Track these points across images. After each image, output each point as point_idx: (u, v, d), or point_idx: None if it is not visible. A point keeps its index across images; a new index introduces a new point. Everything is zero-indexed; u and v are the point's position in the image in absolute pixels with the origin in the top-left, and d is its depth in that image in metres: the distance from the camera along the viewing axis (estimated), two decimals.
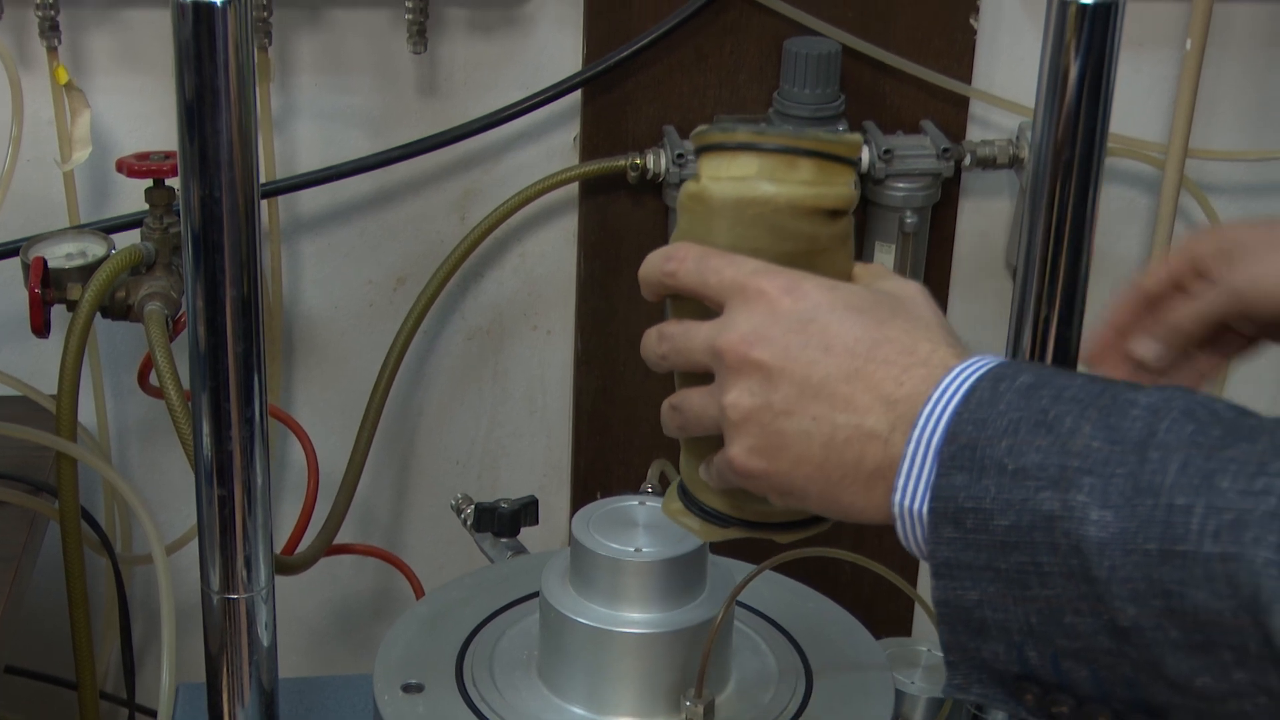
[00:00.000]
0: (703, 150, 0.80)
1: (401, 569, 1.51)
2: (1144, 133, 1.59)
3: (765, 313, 0.75)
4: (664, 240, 0.81)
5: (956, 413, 0.70)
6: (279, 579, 1.08)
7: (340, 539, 1.44)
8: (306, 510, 1.33)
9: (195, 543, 0.99)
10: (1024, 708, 0.70)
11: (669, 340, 0.79)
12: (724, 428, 0.76)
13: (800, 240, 0.78)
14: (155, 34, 1.43)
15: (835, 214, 0.79)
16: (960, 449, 0.69)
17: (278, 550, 1.30)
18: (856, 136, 0.80)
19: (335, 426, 1.55)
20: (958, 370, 0.72)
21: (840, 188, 0.79)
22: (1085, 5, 0.96)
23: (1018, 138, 1.55)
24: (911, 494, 0.71)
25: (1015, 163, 1.54)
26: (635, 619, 0.95)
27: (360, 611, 1.68)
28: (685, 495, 0.84)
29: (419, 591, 1.46)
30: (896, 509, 0.72)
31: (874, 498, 0.73)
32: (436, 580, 1.38)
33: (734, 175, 0.78)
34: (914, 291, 0.78)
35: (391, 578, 1.62)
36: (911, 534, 0.72)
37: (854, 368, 0.73)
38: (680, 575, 0.95)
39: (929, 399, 0.71)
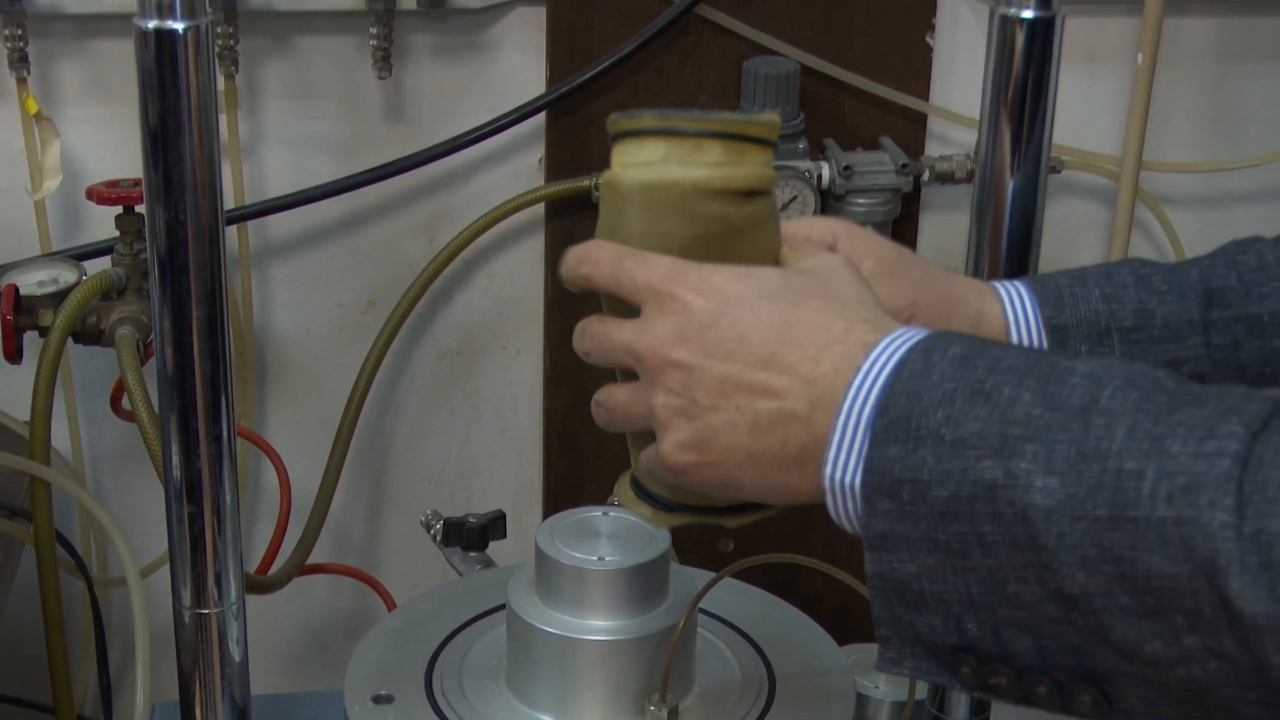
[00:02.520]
0: (615, 138, 0.80)
1: (375, 588, 1.52)
2: (1099, 146, 1.62)
3: (679, 314, 0.75)
4: None
5: (888, 385, 0.70)
6: (254, 600, 1.10)
7: (314, 559, 1.46)
8: (280, 530, 1.34)
9: (169, 565, 1.00)
10: (959, 680, 0.70)
11: (591, 338, 0.80)
12: (653, 426, 0.77)
13: (712, 223, 0.78)
14: (123, 63, 1.45)
15: (749, 195, 0.79)
16: (894, 421, 0.69)
17: (251, 570, 1.32)
18: (772, 116, 0.80)
19: (308, 448, 1.56)
20: (885, 343, 0.72)
21: (751, 168, 0.79)
22: (1026, 19, 0.98)
23: (975, 152, 1.57)
24: (843, 468, 0.71)
25: (973, 177, 1.56)
26: (600, 626, 0.96)
27: (335, 631, 1.70)
28: (635, 484, 0.85)
29: (393, 610, 1.47)
30: (827, 483, 0.72)
31: (806, 476, 0.73)
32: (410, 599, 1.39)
33: (641, 161, 0.78)
34: (835, 265, 0.78)
35: (366, 597, 1.63)
36: (843, 508, 0.72)
37: (768, 353, 0.73)
38: (643, 583, 0.97)
39: (856, 372, 0.71)
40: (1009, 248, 1.04)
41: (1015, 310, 0.88)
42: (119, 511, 1.58)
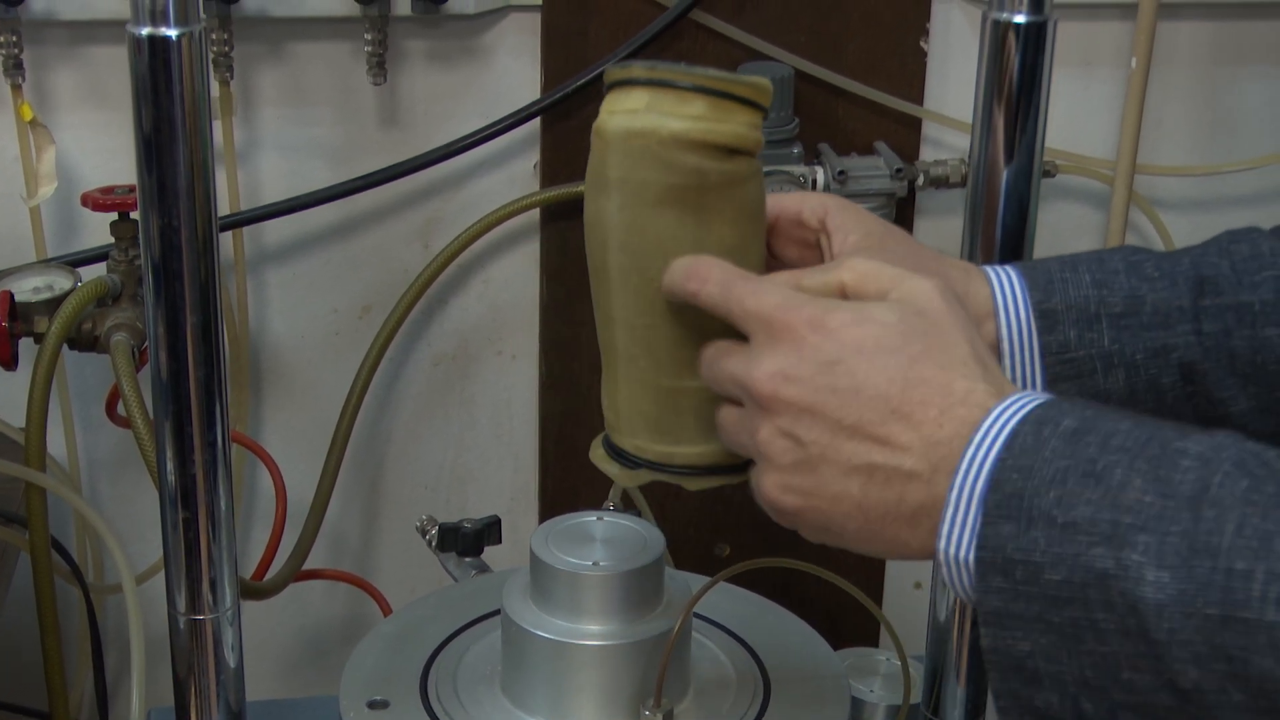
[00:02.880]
0: (607, 89, 0.81)
1: (371, 593, 1.52)
2: (1093, 150, 1.62)
3: (791, 349, 0.74)
4: None
5: (1000, 459, 0.69)
6: (250, 605, 1.10)
7: (310, 564, 1.46)
8: (275, 536, 1.34)
9: (164, 571, 1.00)
10: None
11: (703, 365, 0.79)
12: (756, 458, 0.76)
13: (688, 174, 0.79)
14: (117, 70, 1.45)
15: (730, 153, 0.79)
16: (1006, 498, 0.69)
17: (248, 576, 1.32)
18: (762, 80, 0.80)
19: (303, 454, 1.56)
20: (998, 412, 0.71)
21: (733, 126, 0.79)
22: (1019, 24, 0.98)
23: (969, 157, 1.58)
24: (957, 541, 0.70)
25: (967, 181, 1.56)
26: (595, 631, 0.96)
27: (331, 636, 1.70)
28: (606, 442, 0.86)
29: (389, 615, 1.48)
30: (942, 555, 0.71)
31: (919, 534, 0.72)
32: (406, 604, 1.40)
33: (626, 108, 0.79)
34: (941, 302, 0.75)
35: (362, 602, 1.64)
36: (957, 579, 0.71)
37: (889, 409, 0.72)
38: (638, 588, 0.97)
39: (970, 442, 0.70)
40: (1003, 251, 1.05)
41: (1004, 293, 0.88)
42: (114, 518, 1.58)
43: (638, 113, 0.79)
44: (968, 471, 0.70)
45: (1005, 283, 0.88)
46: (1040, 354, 0.87)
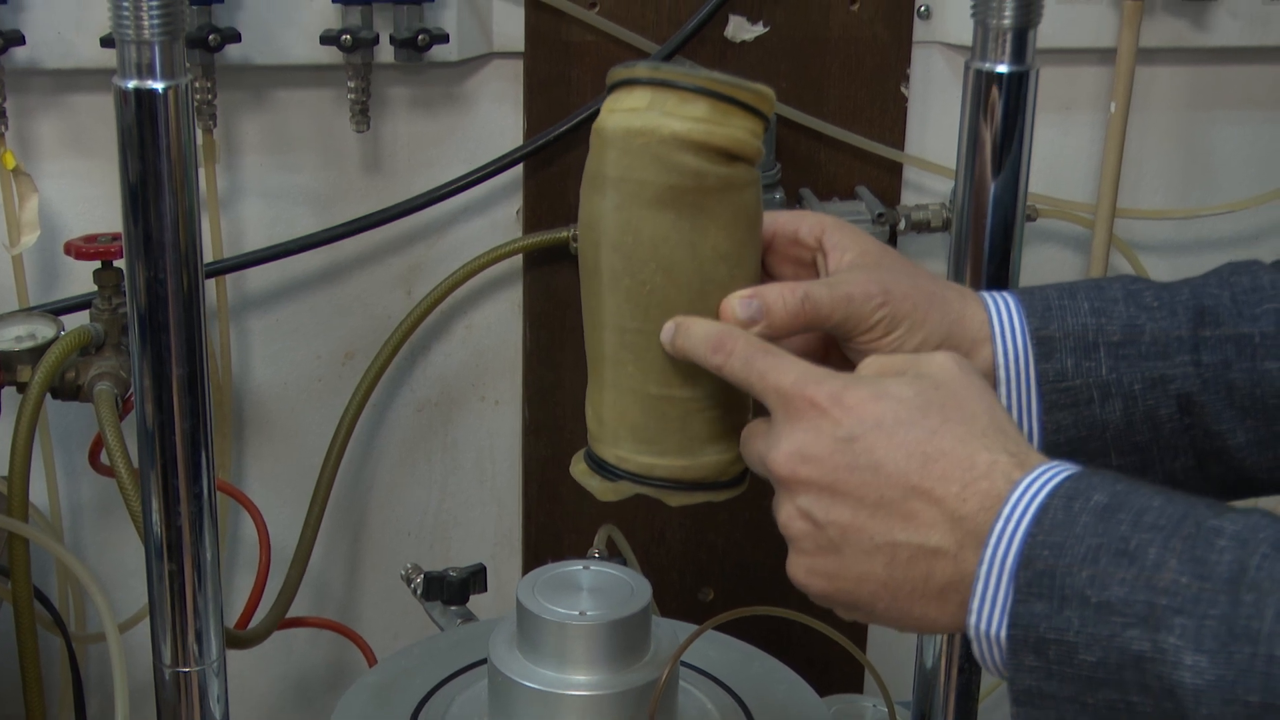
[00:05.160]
0: (609, 89, 0.81)
1: (355, 641, 1.52)
2: (1073, 194, 1.63)
3: (810, 428, 0.74)
4: None
5: (1030, 534, 0.69)
6: (233, 654, 1.10)
7: (294, 612, 1.45)
8: (259, 584, 1.34)
9: (148, 620, 1.00)
10: None
11: (742, 445, 0.80)
12: (787, 542, 0.76)
13: (686, 175, 0.78)
14: (100, 118, 1.45)
15: (730, 157, 0.79)
16: (1037, 575, 0.68)
17: (231, 624, 1.32)
18: (765, 89, 0.80)
19: (287, 500, 1.56)
20: (1025, 485, 0.70)
21: (733, 130, 0.79)
22: (1001, 74, 0.99)
23: (950, 201, 1.59)
24: (988, 618, 0.70)
25: (949, 226, 1.57)
26: (582, 681, 0.96)
27: (315, 684, 1.69)
28: (588, 455, 0.85)
29: (373, 663, 1.47)
30: (973, 632, 0.70)
31: (948, 609, 0.72)
32: (391, 651, 1.39)
33: (627, 107, 0.79)
34: (959, 373, 0.75)
35: (346, 650, 1.63)
36: (989, 655, 0.71)
37: (909, 485, 0.71)
38: (625, 637, 0.97)
39: (998, 517, 0.70)
40: None
41: (1001, 319, 0.87)
42: (97, 566, 1.57)
43: (639, 111, 0.79)
44: (996, 546, 0.69)
45: (1002, 308, 0.87)
46: (1037, 381, 0.86)
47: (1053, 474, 0.70)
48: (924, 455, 0.72)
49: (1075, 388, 0.86)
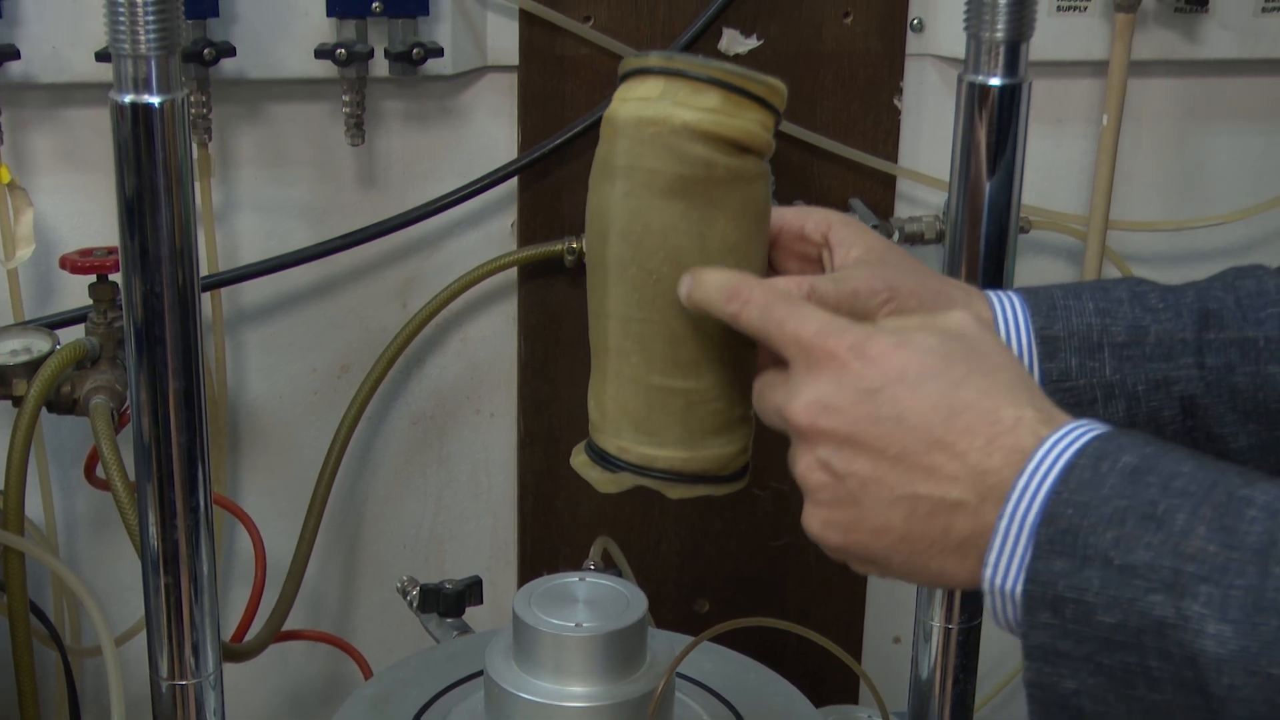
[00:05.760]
0: (622, 78, 0.81)
1: (351, 654, 1.52)
2: (1065, 206, 1.64)
3: (832, 378, 0.72)
4: None
5: (1054, 491, 0.68)
6: (229, 667, 1.10)
7: (289, 625, 1.45)
8: (255, 597, 1.34)
9: (144, 634, 1.00)
10: None
11: (756, 397, 0.78)
12: (801, 488, 0.74)
13: (696, 165, 0.78)
14: (95, 132, 1.46)
15: (740, 149, 0.79)
16: (1059, 533, 0.67)
17: (226, 637, 1.32)
18: (777, 82, 0.80)
19: (282, 514, 1.56)
20: (1052, 442, 0.69)
21: (745, 122, 0.79)
22: (994, 86, 1.00)
23: (944, 213, 1.59)
24: (1005, 572, 0.69)
25: (942, 238, 1.58)
26: (578, 693, 0.96)
27: (311, 697, 1.69)
28: (589, 446, 0.85)
29: (369, 675, 1.47)
30: (987, 585, 0.70)
31: (966, 564, 0.71)
32: (386, 664, 1.39)
33: (639, 96, 0.79)
34: (973, 328, 0.74)
35: (342, 663, 1.63)
36: (1002, 612, 0.70)
37: (933, 438, 0.70)
38: (621, 649, 0.97)
39: (1022, 472, 0.69)
40: None
41: (1006, 317, 0.86)
42: (93, 580, 1.57)
43: (650, 100, 0.79)
44: (1019, 502, 0.68)
45: (1007, 307, 0.87)
46: (1040, 380, 0.85)
47: (1080, 432, 0.69)
48: (949, 408, 0.70)
49: (1079, 387, 0.85)
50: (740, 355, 0.82)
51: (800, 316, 0.74)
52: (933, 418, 0.70)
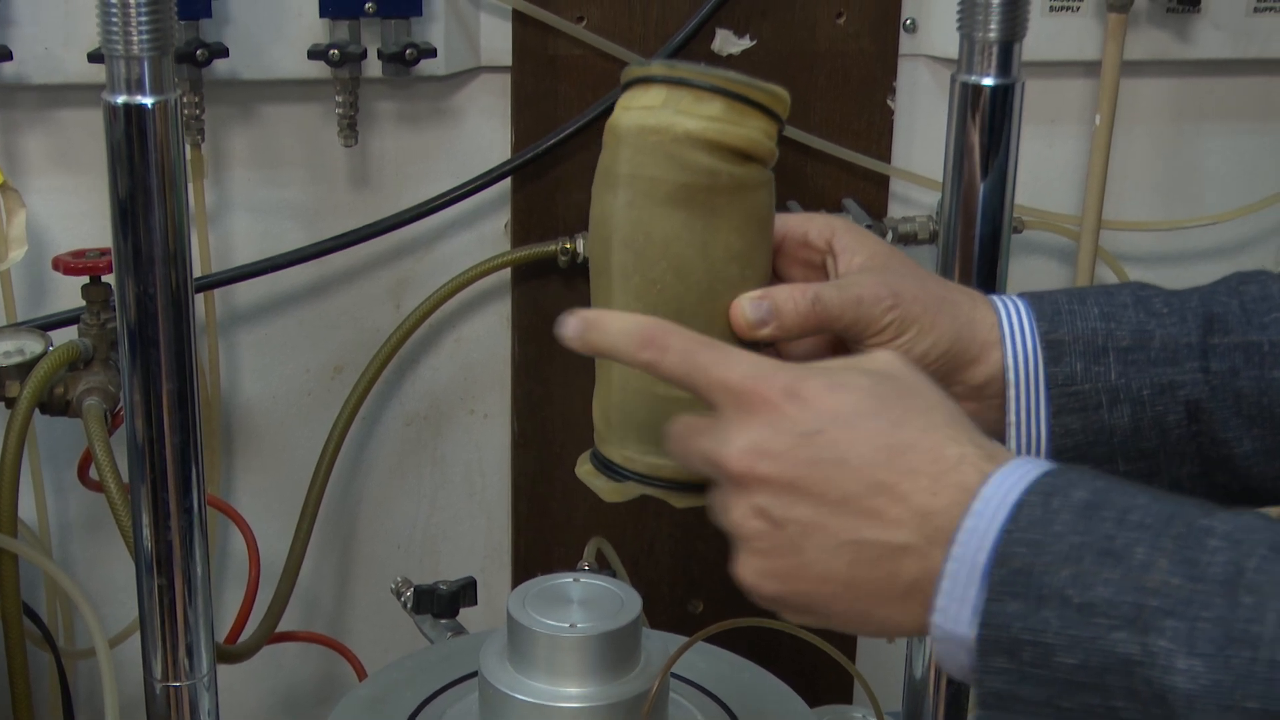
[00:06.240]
0: (625, 86, 0.81)
1: (345, 655, 1.52)
2: (1059, 206, 1.64)
3: (766, 423, 0.70)
4: None
5: (1005, 531, 0.65)
6: (223, 669, 1.10)
7: (283, 626, 1.45)
8: (249, 599, 1.34)
9: (138, 635, 1.00)
10: None
11: (671, 441, 0.75)
12: (732, 539, 0.71)
13: (699, 174, 0.78)
14: (88, 133, 1.45)
15: (743, 157, 0.79)
16: (1013, 574, 0.64)
17: (220, 639, 1.31)
18: (780, 90, 0.80)
19: (276, 515, 1.56)
20: (998, 480, 0.67)
21: (749, 130, 0.79)
22: (987, 87, 1.00)
23: (937, 213, 1.59)
24: (954, 617, 0.66)
25: (935, 238, 1.58)
26: (573, 693, 0.97)
27: (305, 698, 1.69)
28: (594, 455, 0.85)
29: (363, 677, 1.47)
30: (937, 631, 0.67)
31: (912, 610, 0.68)
32: (381, 665, 1.39)
33: (642, 105, 0.79)
34: (900, 367, 0.73)
35: (336, 664, 1.63)
36: (952, 658, 0.67)
37: (876, 480, 0.68)
38: (615, 649, 0.97)
39: (968, 511, 0.66)
40: None
41: (1011, 322, 0.86)
42: (86, 581, 1.57)
43: (653, 109, 0.79)
44: (967, 543, 0.66)
45: (1012, 311, 0.86)
46: (1046, 385, 0.85)
47: (1027, 468, 0.68)
48: (890, 447, 0.68)
49: (1084, 392, 0.85)
50: None
51: (726, 361, 0.72)
52: (875, 458, 0.68)
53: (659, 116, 0.78)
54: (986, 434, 0.83)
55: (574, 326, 0.77)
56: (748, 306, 0.81)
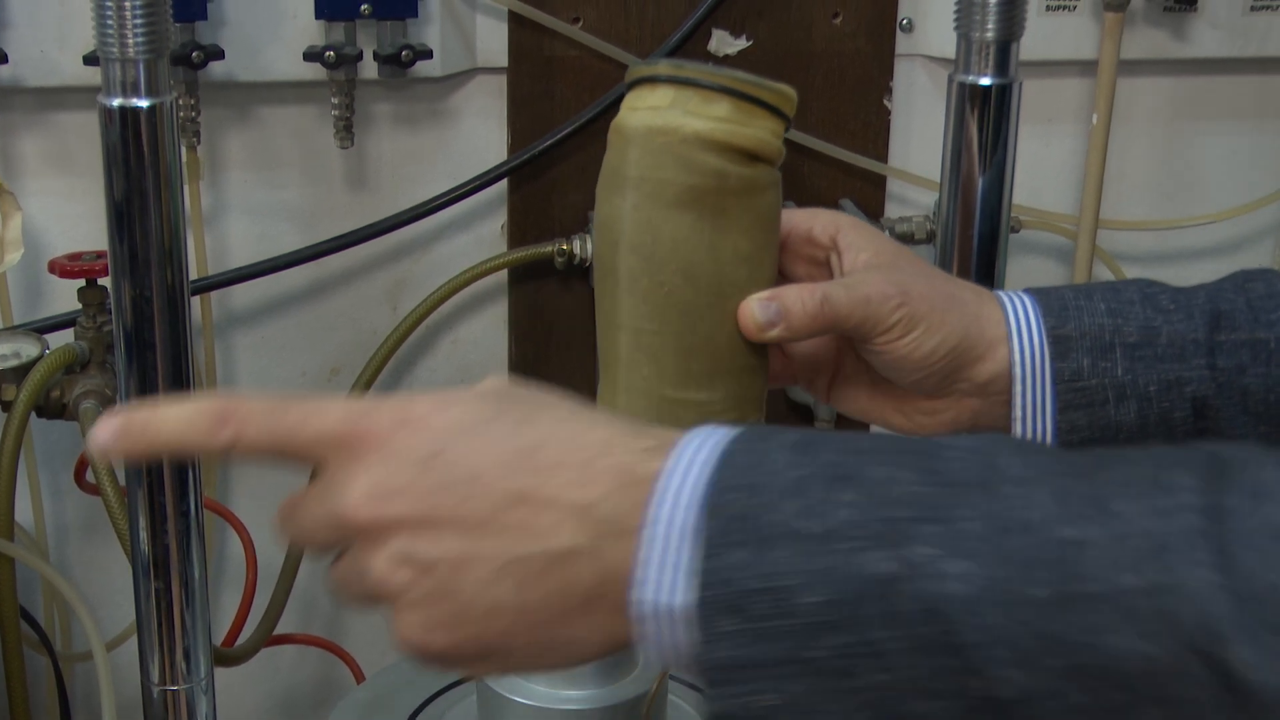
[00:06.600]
0: (630, 86, 0.80)
1: (343, 657, 1.52)
2: (1056, 205, 1.64)
3: (380, 460, 0.60)
4: (593, 323, 0.81)
5: (712, 484, 0.57)
6: (221, 671, 1.09)
7: (281, 629, 1.45)
8: (246, 601, 1.34)
9: (135, 639, 1.00)
10: None
11: (286, 524, 0.65)
12: (382, 605, 0.62)
13: (708, 175, 0.77)
14: (84, 136, 1.45)
15: (752, 158, 0.79)
16: (729, 521, 0.56)
17: (218, 642, 1.31)
18: (788, 89, 0.79)
19: (272, 517, 1.56)
20: (685, 443, 0.60)
21: (757, 130, 0.78)
22: (984, 86, 1.00)
23: (934, 213, 1.59)
24: (662, 585, 0.57)
25: (933, 238, 1.58)
26: (571, 696, 0.96)
27: (303, 701, 1.69)
28: None
29: (360, 679, 1.47)
30: (639, 612, 0.58)
31: (600, 620, 0.59)
32: (378, 668, 1.39)
33: (649, 105, 0.79)
34: (503, 383, 0.65)
35: (334, 666, 1.63)
36: (668, 639, 0.58)
37: (516, 487, 0.59)
38: None
39: (659, 477, 0.58)
40: None
41: (1018, 318, 0.84)
42: (83, 585, 1.57)
43: (661, 110, 0.78)
44: (661, 505, 0.58)
45: (1019, 307, 0.85)
46: (1052, 380, 0.84)
47: (717, 432, 0.60)
48: (519, 450, 0.59)
49: (1091, 388, 0.84)
50: (753, 365, 0.82)
51: (319, 412, 0.62)
52: (509, 461, 0.59)
53: (667, 117, 0.78)
54: (990, 431, 0.83)
55: (109, 431, 0.63)
56: (757, 308, 0.80)
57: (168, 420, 0.63)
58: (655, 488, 0.58)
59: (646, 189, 0.79)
